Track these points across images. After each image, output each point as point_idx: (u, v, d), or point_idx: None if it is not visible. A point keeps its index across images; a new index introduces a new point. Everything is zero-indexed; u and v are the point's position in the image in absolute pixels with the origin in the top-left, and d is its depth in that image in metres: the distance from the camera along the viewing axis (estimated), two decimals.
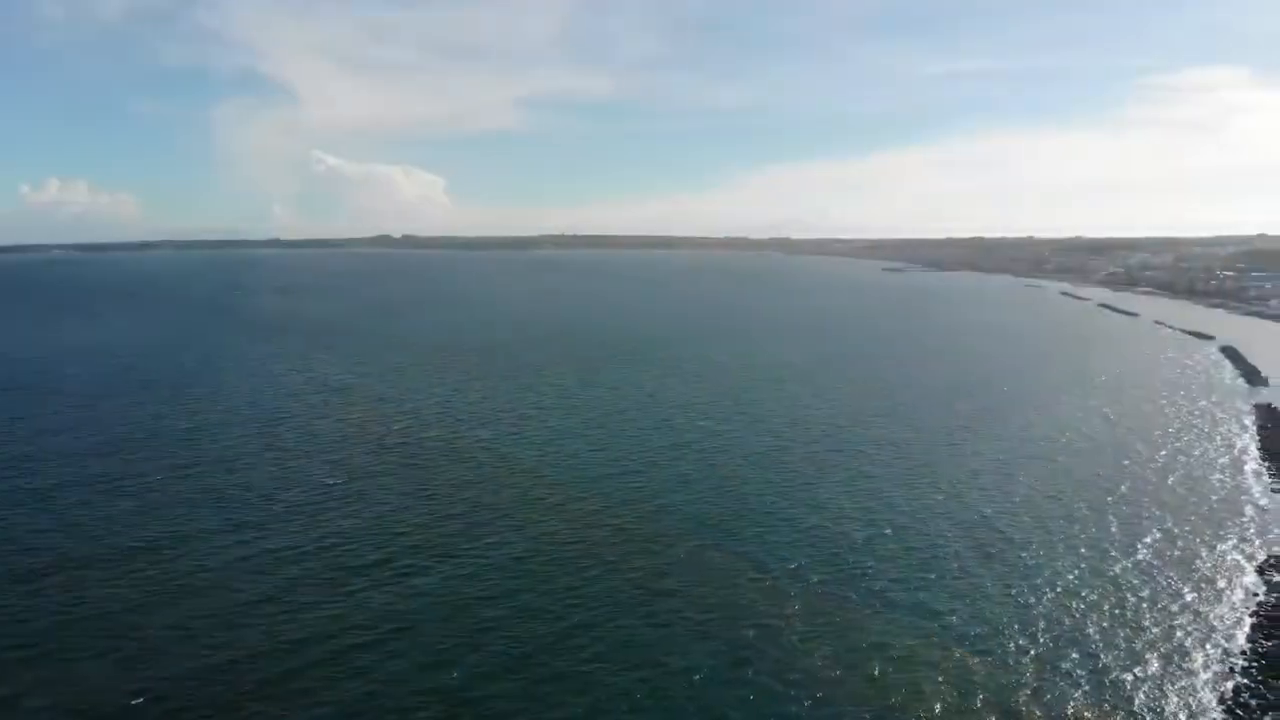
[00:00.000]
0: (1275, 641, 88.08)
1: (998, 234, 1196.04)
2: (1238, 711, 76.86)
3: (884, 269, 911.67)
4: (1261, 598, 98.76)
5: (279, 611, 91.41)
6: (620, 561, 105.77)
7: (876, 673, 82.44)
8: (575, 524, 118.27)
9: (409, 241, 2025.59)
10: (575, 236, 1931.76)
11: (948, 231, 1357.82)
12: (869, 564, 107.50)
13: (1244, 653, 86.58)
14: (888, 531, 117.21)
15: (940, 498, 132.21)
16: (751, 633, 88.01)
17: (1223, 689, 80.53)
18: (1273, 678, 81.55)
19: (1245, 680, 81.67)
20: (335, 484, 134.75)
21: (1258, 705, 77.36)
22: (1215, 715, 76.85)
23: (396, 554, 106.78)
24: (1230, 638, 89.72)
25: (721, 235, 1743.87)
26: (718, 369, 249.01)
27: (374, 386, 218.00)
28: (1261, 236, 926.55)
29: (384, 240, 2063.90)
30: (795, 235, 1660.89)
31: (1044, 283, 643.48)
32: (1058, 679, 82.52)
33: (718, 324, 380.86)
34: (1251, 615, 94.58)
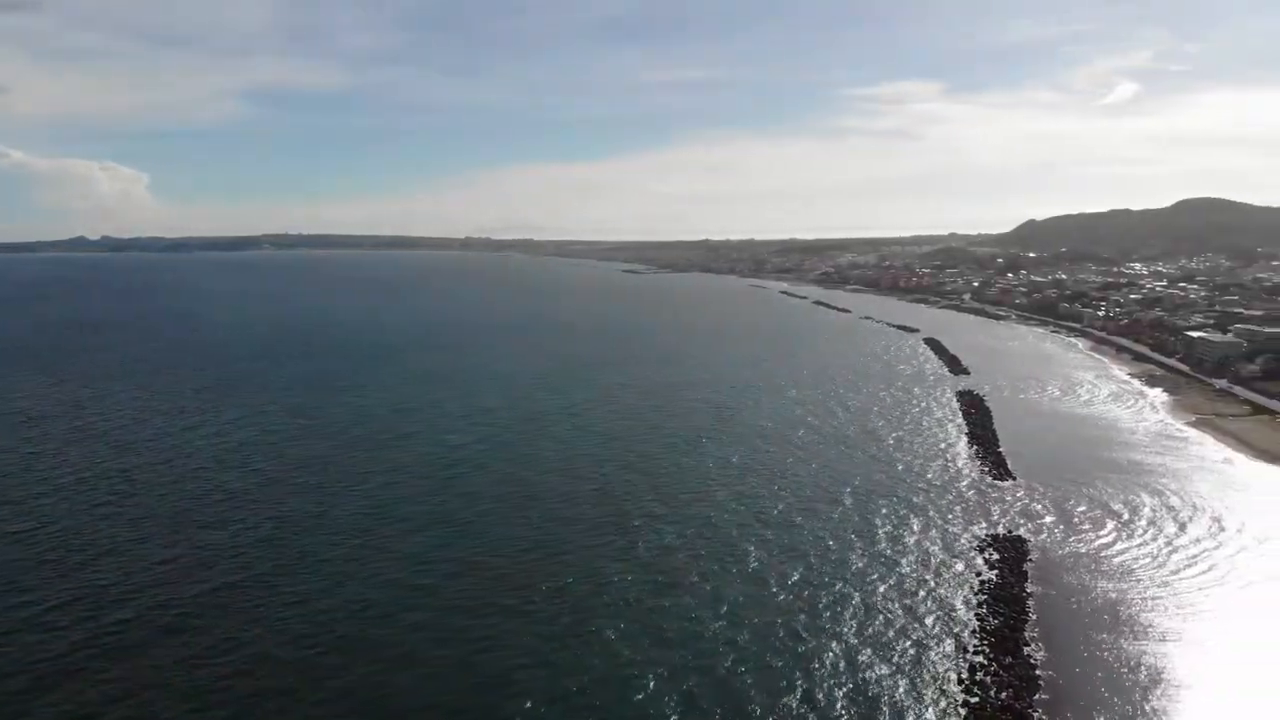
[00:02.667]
0: (1001, 619, 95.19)
1: (724, 236, 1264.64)
2: (975, 690, 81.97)
3: (624, 270, 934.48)
4: (984, 576, 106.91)
5: None
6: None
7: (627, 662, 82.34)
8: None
9: (108, 243, 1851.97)
10: (302, 236, 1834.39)
11: (680, 234, 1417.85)
12: (615, 572, 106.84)
13: (975, 631, 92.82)
14: (639, 532, 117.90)
15: (686, 496, 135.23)
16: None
17: (960, 668, 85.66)
18: (1003, 654, 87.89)
19: (979, 659, 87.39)
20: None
21: (993, 682, 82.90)
22: (955, 693, 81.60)
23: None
24: (963, 617, 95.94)
25: (462, 235, 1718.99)
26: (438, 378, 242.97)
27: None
28: (954, 235, 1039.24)
29: (79, 243, 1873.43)
30: (538, 236, 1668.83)
31: (767, 283, 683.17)
32: (803, 665, 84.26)
33: (441, 335, 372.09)
34: (978, 594, 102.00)
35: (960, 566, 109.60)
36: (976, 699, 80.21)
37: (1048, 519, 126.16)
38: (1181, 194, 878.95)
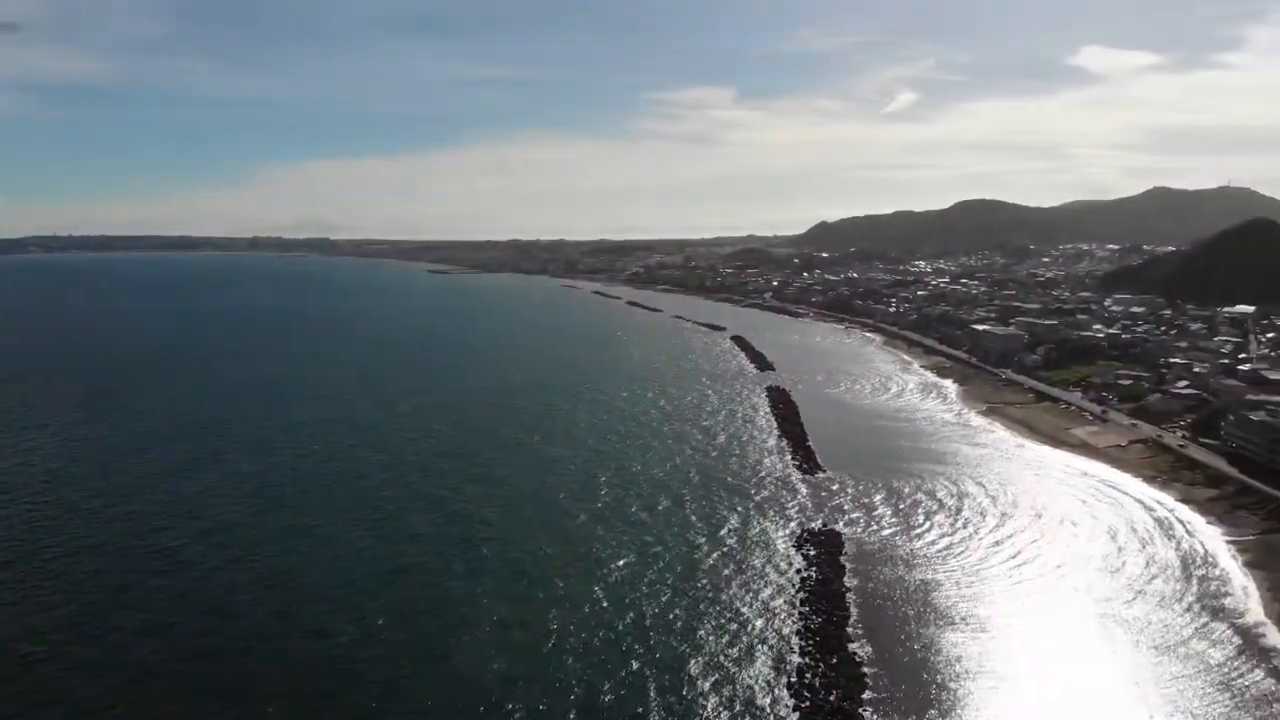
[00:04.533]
0: (823, 617, 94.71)
1: (533, 236, 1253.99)
2: (805, 693, 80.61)
3: (430, 270, 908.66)
4: (804, 572, 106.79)
5: None
6: None
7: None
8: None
9: None
10: (73, 238, 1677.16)
11: (488, 234, 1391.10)
12: (454, 584, 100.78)
13: (800, 631, 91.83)
14: (454, 545, 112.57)
15: (492, 508, 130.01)
16: None
17: (788, 671, 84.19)
18: (828, 653, 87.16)
19: (806, 659, 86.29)
20: None
21: (821, 684, 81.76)
22: (785, 698, 79.92)
23: None
24: (787, 617, 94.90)
25: (250, 235, 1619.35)
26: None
27: None
28: (752, 237, 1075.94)
29: None
30: (334, 236, 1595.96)
31: (579, 283, 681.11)
32: (629, 681, 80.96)
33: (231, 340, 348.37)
34: (799, 591, 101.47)
35: (780, 564, 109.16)
36: (807, 703, 78.80)
37: (859, 511, 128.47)
38: (959, 196, 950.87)
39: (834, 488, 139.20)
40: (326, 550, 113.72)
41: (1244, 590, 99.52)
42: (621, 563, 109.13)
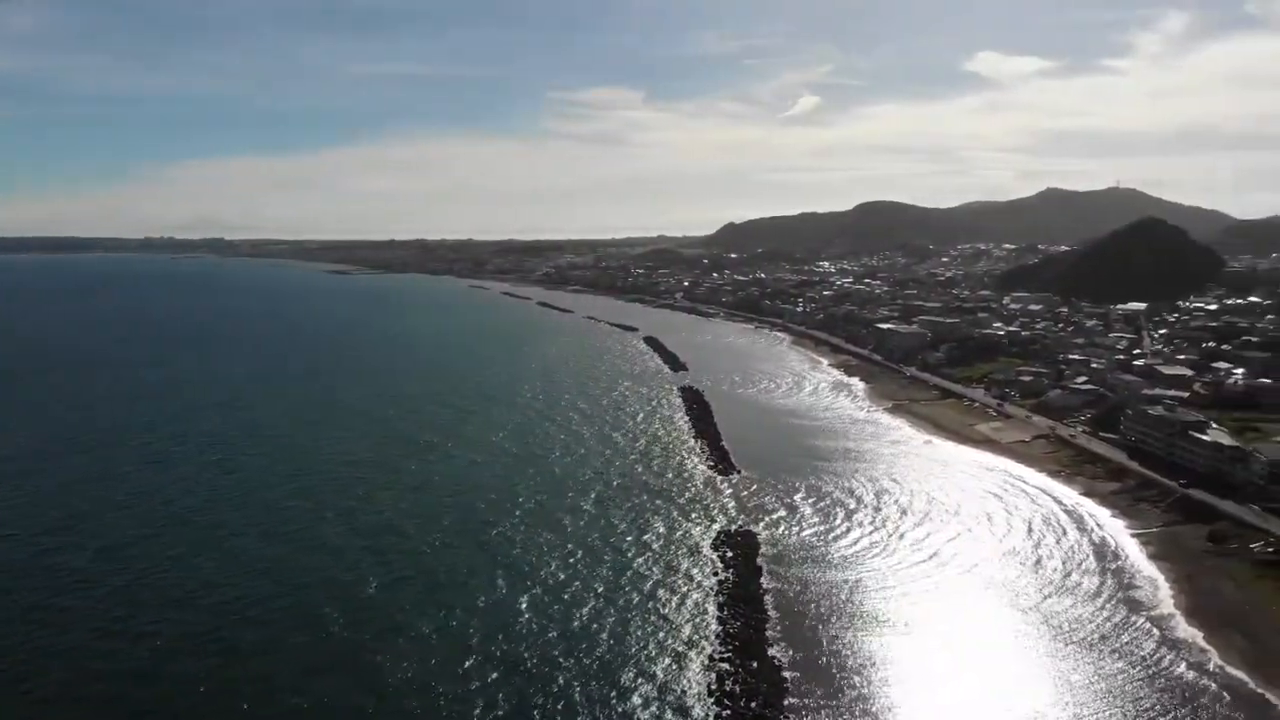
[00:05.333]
0: (742, 621, 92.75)
1: (439, 236, 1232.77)
2: (726, 701, 78.43)
3: (331, 271, 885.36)
4: (720, 575, 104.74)
5: None
6: None
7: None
8: None
9: None
10: None
11: (392, 233, 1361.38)
12: (371, 597, 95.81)
13: (719, 636, 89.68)
14: (360, 559, 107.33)
15: (409, 518, 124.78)
16: None
17: (709, 679, 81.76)
18: (749, 659, 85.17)
19: (726, 665, 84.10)
20: None
21: (742, 691, 79.63)
22: (709, 707, 77.41)
23: None
24: (706, 622, 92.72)
25: (142, 236, 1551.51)
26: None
27: None
28: (662, 238, 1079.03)
29: None
30: (231, 236, 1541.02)
31: (488, 284, 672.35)
32: (520, 688, 77.83)
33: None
34: (717, 595, 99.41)
35: (698, 568, 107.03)
36: (729, 711, 76.48)
37: (773, 511, 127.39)
38: (861, 198, 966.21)
39: (749, 488, 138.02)
40: (236, 565, 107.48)
41: (1153, 583, 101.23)
42: (541, 571, 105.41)
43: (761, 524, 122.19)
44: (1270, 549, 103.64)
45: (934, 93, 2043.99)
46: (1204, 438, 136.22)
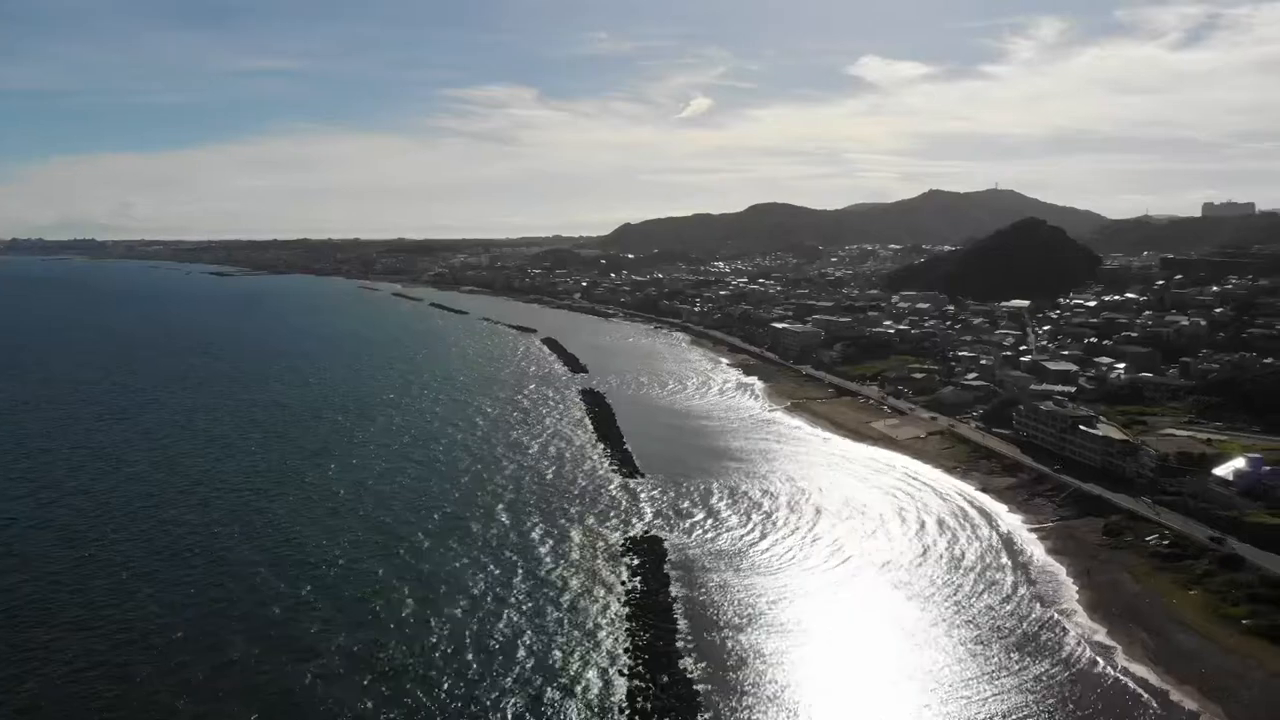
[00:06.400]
0: (651, 633, 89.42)
1: (326, 235, 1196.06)
2: (637, 719, 75.38)
3: (211, 273, 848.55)
4: (628, 584, 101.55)
5: None
6: None
7: None
8: None
9: None
10: None
11: (275, 233, 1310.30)
12: (273, 617, 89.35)
13: (629, 650, 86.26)
14: (250, 581, 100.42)
15: (305, 529, 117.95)
16: None
17: (619, 696, 78.40)
18: (659, 672, 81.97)
19: (637, 681, 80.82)
20: None
21: (654, 708, 76.39)
22: None
23: None
24: (614, 635, 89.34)
25: (9, 238, 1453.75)
26: None
27: None
28: (559, 238, 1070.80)
29: None
30: (104, 237, 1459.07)
31: (378, 284, 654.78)
32: (434, 710, 76.50)
33: None
34: (625, 605, 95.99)
35: (605, 577, 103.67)
36: None
37: (679, 515, 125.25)
38: (753, 199, 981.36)
39: (654, 492, 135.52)
40: (128, 590, 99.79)
41: (1054, 579, 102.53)
42: (445, 588, 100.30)
43: (668, 529, 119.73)
44: (1165, 542, 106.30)
45: (821, 96, 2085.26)
46: (1095, 432, 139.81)
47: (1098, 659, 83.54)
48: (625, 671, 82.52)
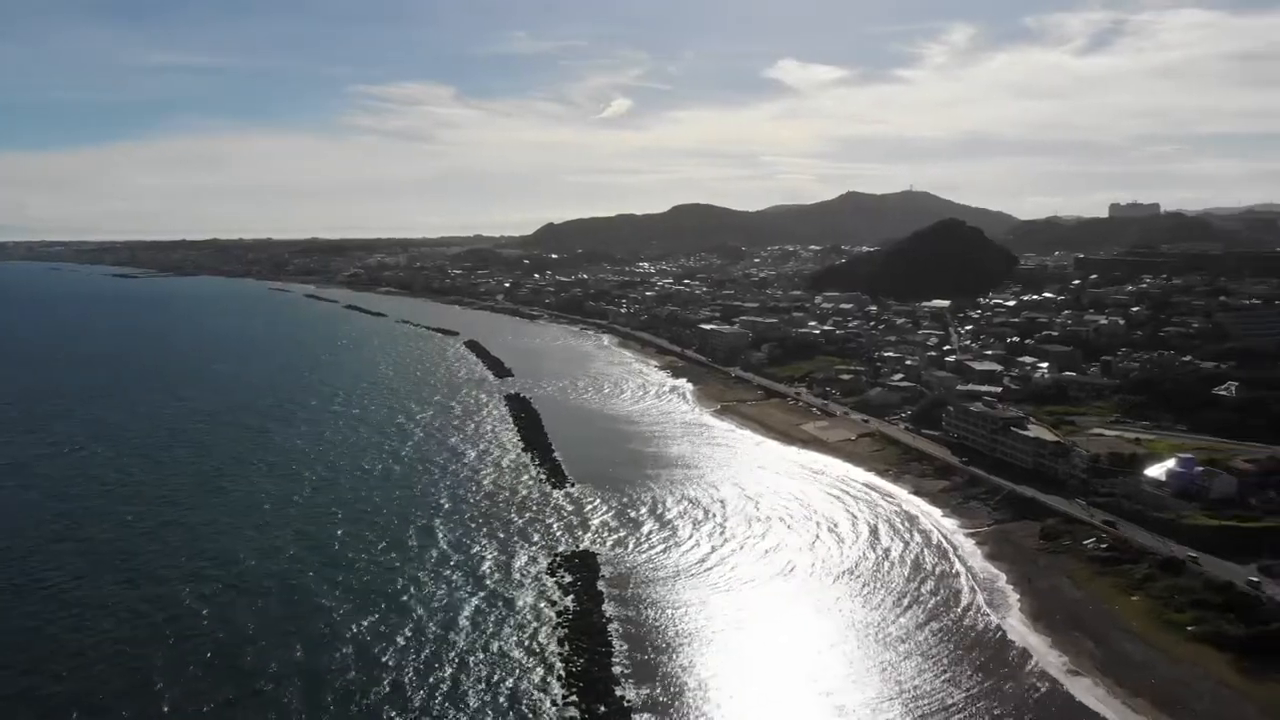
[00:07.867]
0: (585, 657, 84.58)
1: (235, 235, 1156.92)
2: None
3: (114, 275, 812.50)
4: (559, 604, 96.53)
5: None
6: None
7: None
8: None
9: None
10: None
11: (182, 233, 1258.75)
12: (156, 657, 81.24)
13: (562, 678, 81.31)
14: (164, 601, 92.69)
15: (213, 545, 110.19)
16: None
17: None
18: (595, 700, 77.23)
19: (572, 711, 76.10)
20: None
21: None
22: None
23: None
24: (547, 660, 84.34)
25: None
26: None
27: None
28: (480, 238, 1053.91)
29: None
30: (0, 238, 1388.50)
31: (290, 285, 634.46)
32: None
33: None
34: (558, 628, 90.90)
35: (535, 597, 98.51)
36: None
37: (612, 528, 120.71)
38: (676, 200, 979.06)
39: (584, 502, 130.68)
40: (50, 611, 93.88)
41: (994, 586, 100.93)
42: (365, 620, 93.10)
43: (601, 543, 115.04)
44: (1103, 545, 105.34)
45: (739, 99, 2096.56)
46: (1027, 434, 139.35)
47: (1045, 670, 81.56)
48: (558, 702, 77.62)
